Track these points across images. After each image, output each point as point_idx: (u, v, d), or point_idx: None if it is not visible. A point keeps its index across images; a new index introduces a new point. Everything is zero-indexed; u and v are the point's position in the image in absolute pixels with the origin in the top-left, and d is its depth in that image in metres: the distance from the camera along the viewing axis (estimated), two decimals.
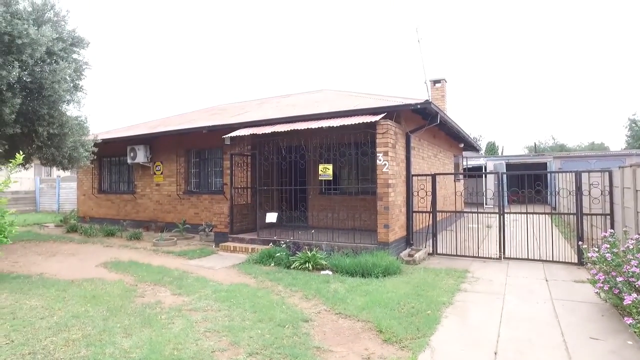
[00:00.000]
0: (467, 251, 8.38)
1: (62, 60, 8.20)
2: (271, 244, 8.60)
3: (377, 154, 7.90)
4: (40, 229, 13.58)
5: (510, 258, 7.95)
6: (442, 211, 9.70)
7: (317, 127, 8.01)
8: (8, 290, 5.89)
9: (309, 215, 10.54)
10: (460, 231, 9.33)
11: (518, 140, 72.90)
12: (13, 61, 7.01)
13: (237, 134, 9.13)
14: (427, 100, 8.03)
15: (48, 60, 8.08)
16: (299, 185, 9.62)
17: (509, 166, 23.36)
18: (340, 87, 38.04)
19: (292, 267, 7.30)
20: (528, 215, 8.00)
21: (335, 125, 7.82)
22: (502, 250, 8.00)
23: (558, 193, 9.60)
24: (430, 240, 8.77)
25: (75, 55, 9.07)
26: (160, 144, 12.95)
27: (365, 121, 7.71)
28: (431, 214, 8.74)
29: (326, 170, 8.55)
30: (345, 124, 7.74)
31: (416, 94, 10.00)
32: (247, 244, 9.04)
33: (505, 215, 8.19)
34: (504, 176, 9.82)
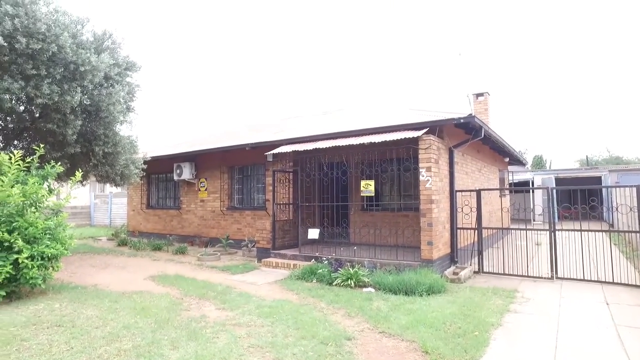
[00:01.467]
0: (516, 270, 8.01)
1: (117, 84, 8.72)
2: (313, 260, 8.61)
3: (420, 170, 7.78)
4: (94, 242, 14.31)
5: (563, 278, 7.52)
6: (487, 228, 9.38)
7: (358, 143, 8.02)
8: (67, 299, 6.22)
9: (350, 231, 10.49)
10: (508, 249, 8.95)
11: (567, 154, 69.46)
12: (76, 87, 7.54)
13: (280, 151, 9.29)
14: (470, 115, 7.86)
15: (105, 84, 8.62)
16: (340, 201, 9.62)
17: (558, 180, 22.30)
18: (381, 102, 38.03)
19: (334, 283, 7.26)
20: (582, 232, 7.55)
21: (377, 141, 7.81)
22: (554, 270, 7.59)
23: (617, 209, 9.02)
24: (476, 258, 8.48)
25: (128, 79, 9.62)
26: (205, 160, 13.40)
27: (407, 137, 7.64)
28: (476, 231, 8.47)
29: (368, 187, 8.51)
30: (387, 139, 7.70)
31: (458, 108, 9.82)
32: (289, 260, 9.10)
33: (557, 232, 7.79)
34: (554, 191, 9.37)
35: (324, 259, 8.34)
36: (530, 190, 19.34)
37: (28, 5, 6.86)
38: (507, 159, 15.64)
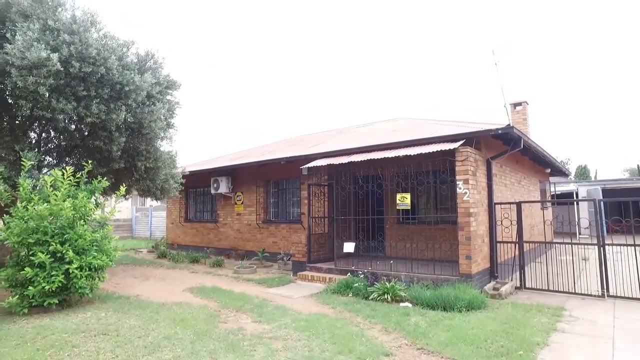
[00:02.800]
0: (561, 286, 7.64)
1: (158, 102, 9.09)
2: (349, 273, 8.56)
3: (457, 182, 7.64)
4: (136, 254, 14.83)
5: (616, 296, 7.10)
6: (529, 242, 9.04)
7: (393, 156, 7.98)
8: (112, 309, 6.48)
9: (386, 245, 10.37)
10: (551, 264, 8.56)
11: (614, 163, 66.21)
12: (121, 105, 7.94)
13: (314, 165, 9.37)
14: (508, 125, 7.68)
15: (147, 102, 9.01)
16: (376, 214, 9.56)
17: (606, 192, 21.21)
18: (416, 114, 37.67)
19: (370, 298, 7.19)
20: (637, 247, 7.12)
21: (412, 154, 7.74)
22: (605, 287, 7.19)
23: None
24: (518, 273, 8.17)
25: (168, 97, 10.02)
26: (241, 175, 13.68)
27: (443, 149, 7.54)
28: (517, 245, 8.18)
29: (404, 200, 8.42)
30: (423, 152, 7.63)
31: (495, 119, 9.59)
32: (325, 274, 9.08)
33: (606, 246, 7.40)
34: (602, 203, 8.93)
35: (360, 272, 8.28)
36: (575, 203, 18.49)
37: (82, 32, 7.33)
38: (548, 170, 15.07)
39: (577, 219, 14.55)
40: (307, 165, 9.61)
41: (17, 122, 8.32)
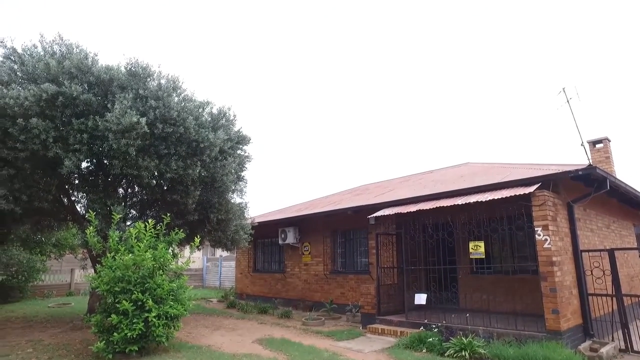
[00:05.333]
0: None
1: (230, 156, 9.65)
2: (421, 327, 8.11)
3: (535, 229, 7.14)
4: (206, 304, 15.21)
5: None
6: (630, 295, 8.05)
7: (463, 203, 7.71)
8: (186, 358, 6.64)
9: (460, 296, 9.76)
10: None
11: None
12: (197, 161, 8.55)
13: (382, 214, 9.28)
14: (590, 165, 7.16)
15: (219, 157, 9.60)
16: (447, 264, 9.12)
17: None
18: (482, 158, 36.42)
19: (446, 354, 6.71)
20: None
21: (483, 200, 7.43)
22: None
23: None
24: (620, 332, 7.24)
25: (239, 151, 10.62)
26: (308, 225, 13.83)
27: (516, 194, 7.16)
28: (615, 298, 7.32)
29: (477, 248, 7.99)
30: (495, 197, 7.29)
31: (571, 159, 8.99)
32: (395, 327, 8.68)
33: None
34: None
35: (433, 326, 7.82)
36: None
37: (165, 97, 8.17)
38: None
39: None
40: (374, 215, 9.53)
41: (109, 179, 9.22)
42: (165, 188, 9.67)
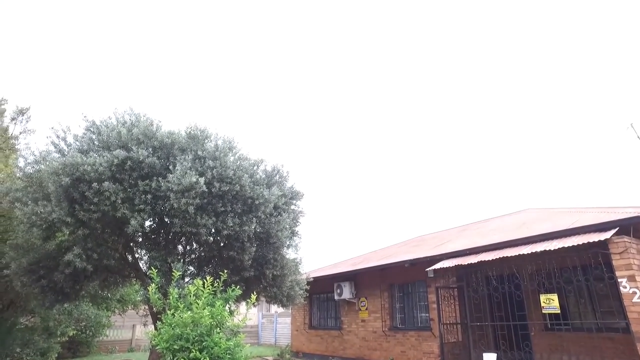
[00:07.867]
0: None
1: (284, 212, 9.76)
2: None
3: (619, 280, 6.46)
4: None
5: None
6: None
7: (529, 252, 7.19)
8: None
9: (535, 357, 8.84)
10: None
11: None
12: (252, 218, 8.73)
13: (441, 266, 8.85)
14: None
15: (274, 213, 9.75)
16: (517, 320, 8.39)
17: None
18: (542, 204, 34.31)
19: None
20: None
21: (551, 249, 6.89)
22: None
23: None
24: None
25: (293, 207, 10.74)
26: (364, 279, 13.44)
27: (591, 240, 6.58)
28: None
29: (550, 302, 7.31)
30: (565, 245, 6.75)
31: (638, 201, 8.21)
32: None
33: None
34: None
35: None
36: None
37: (222, 157, 8.58)
38: None
39: None
40: (432, 267, 9.11)
41: (169, 237, 9.60)
42: (222, 245, 9.87)
